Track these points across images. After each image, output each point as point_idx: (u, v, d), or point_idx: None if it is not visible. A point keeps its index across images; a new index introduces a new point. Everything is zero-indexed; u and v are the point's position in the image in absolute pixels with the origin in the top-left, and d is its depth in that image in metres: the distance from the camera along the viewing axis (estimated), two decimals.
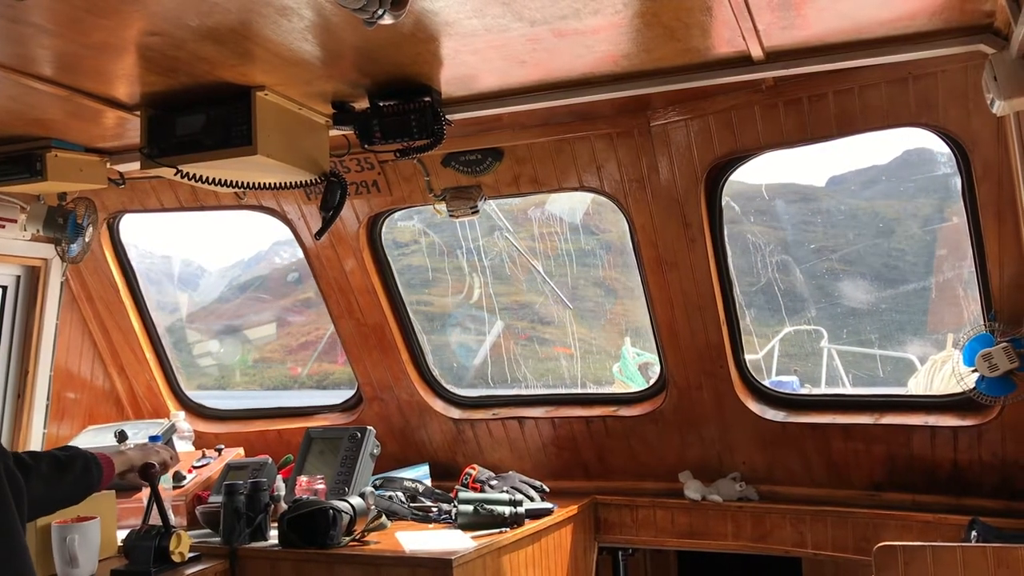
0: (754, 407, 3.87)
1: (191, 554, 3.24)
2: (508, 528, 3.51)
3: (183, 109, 2.85)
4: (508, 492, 3.76)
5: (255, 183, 3.17)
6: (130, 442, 3.98)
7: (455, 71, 2.74)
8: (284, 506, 3.53)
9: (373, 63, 2.64)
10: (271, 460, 3.98)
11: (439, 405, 4.50)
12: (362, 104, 2.98)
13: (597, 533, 4.18)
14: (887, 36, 2.56)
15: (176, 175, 2.93)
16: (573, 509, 3.96)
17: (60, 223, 3.97)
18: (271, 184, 3.17)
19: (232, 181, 3.04)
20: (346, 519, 3.34)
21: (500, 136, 3.70)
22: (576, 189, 3.91)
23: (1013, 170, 2.75)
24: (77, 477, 2.45)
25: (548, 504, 3.85)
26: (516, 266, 6.54)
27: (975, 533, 3.16)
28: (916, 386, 5.18)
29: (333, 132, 3.12)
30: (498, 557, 3.39)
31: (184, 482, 3.96)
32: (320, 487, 3.63)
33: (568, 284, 6.75)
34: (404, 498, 3.86)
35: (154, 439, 3.94)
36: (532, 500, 3.87)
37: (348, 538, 3.34)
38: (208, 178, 2.96)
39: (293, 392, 9.04)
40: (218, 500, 3.56)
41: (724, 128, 3.41)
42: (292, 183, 3.16)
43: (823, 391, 5.95)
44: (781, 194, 6.96)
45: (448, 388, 4.55)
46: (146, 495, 3.14)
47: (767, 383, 4.05)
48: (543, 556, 3.71)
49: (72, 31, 2.27)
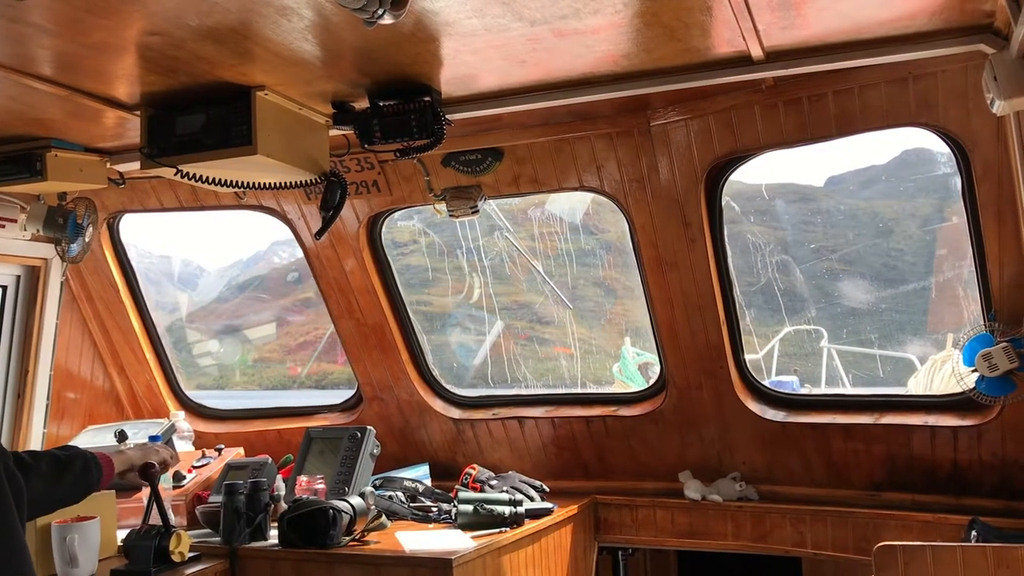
0: (754, 407, 3.87)
1: (191, 554, 3.25)
2: (508, 528, 3.51)
3: (183, 109, 2.85)
4: (508, 492, 3.76)
5: (255, 183, 3.17)
6: (130, 442, 3.97)
7: (455, 71, 2.74)
8: (284, 506, 3.53)
9: (373, 63, 2.64)
10: (271, 460, 3.99)
11: (439, 405, 4.50)
12: (362, 104, 2.98)
13: (597, 533, 4.18)
14: (887, 36, 2.56)
15: (176, 175, 2.93)
16: (573, 509, 3.96)
17: (60, 223, 3.97)
18: (271, 184, 3.17)
19: (232, 181, 3.04)
20: (346, 519, 3.34)
21: (500, 136, 3.70)
22: (576, 189, 3.91)
23: (1013, 170, 2.75)
24: (77, 476, 2.45)
25: (548, 504, 3.85)
26: (516, 266, 6.54)
27: (975, 533, 3.16)
28: (916, 386, 5.18)
29: (333, 132, 3.12)
30: (498, 557, 3.39)
31: (184, 482, 3.95)
32: (320, 487, 3.63)
33: (568, 284, 6.75)
34: (404, 498, 3.86)
35: (154, 439, 3.94)
36: (532, 500, 3.87)
37: (348, 538, 3.34)
38: (208, 178, 2.96)
39: (292, 392, 9.04)
40: (218, 500, 3.56)
41: (724, 128, 3.41)
42: (292, 183, 3.16)
43: (823, 391, 5.95)
44: (781, 194, 6.96)
45: (448, 388, 4.55)
46: (146, 495, 3.14)
47: (767, 383, 4.05)
48: (543, 556, 3.71)
49: (72, 31, 2.27)
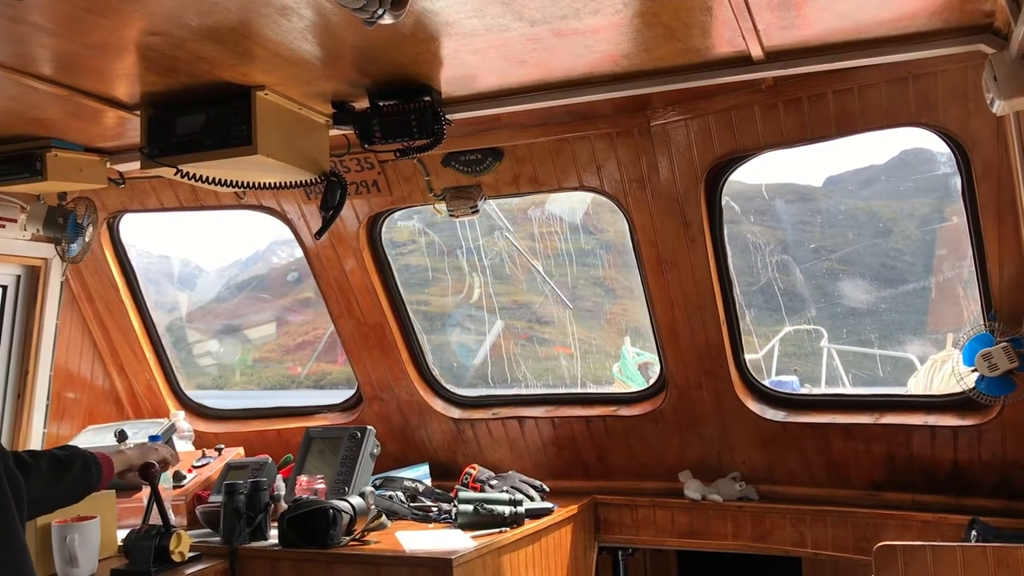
0: (754, 407, 3.87)
1: (191, 554, 3.25)
2: (508, 528, 3.51)
3: (183, 109, 2.85)
4: (508, 492, 3.76)
5: (255, 183, 3.17)
6: (130, 442, 3.97)
7: (455, 71, 2.73)
8: (284, 506, 3.53)
9: (373, 63, 2.64)
10: (271, 460, 3.99)
11: (439, 405, 4.50)
12: (362, 104, 2.98)
13: (597, 533, 4.18)
14: (887, 36, 2.56)
15: (176, 175, 2.93)
16: (573, 509, 3.96)
17: (60, 223, 3.97)
18: (271, 184, 3.17)
19: (232, 181, 3.04)
20: (346, 519, 3.34)
21: (500, 136, 3.70)
22: (576, 189, 3.91)
23: (1013, 170, 2.75)
24: (76, 476, 2.46)
25: (548, 504, 3.85)
26: (516, 266, 6.53)
27: (975, 533, 3.16)
28: (916, 386, 5.18)
29: (333, 132, 3.12)
30: (498, 557, 3.39)
31: (184, 482, 3.95)
32: (320, 487, 3.64)
33: (568, 284, 6.74)
34: (404, 498, 3.86)
35: (154, 439, 3.94)
36: (532, 500, 3.87)
37: (348, 538, 3.34)
38: (208, 178, 2.96)
39: (290, 392, 9.02)
40: (218, 500, 3.56)
41: (724, 128, 3.41)
42: (292, 183, 3.16)
43: (823, 391, 5.94)
44: (780, 194, 6.96)
45: (448, 388, 4.55)
46: (146, 495, 3.14)
47: (767, 383, 4.05)
48: (543, 556, 3.71)
49: (72, 31, 2.27)
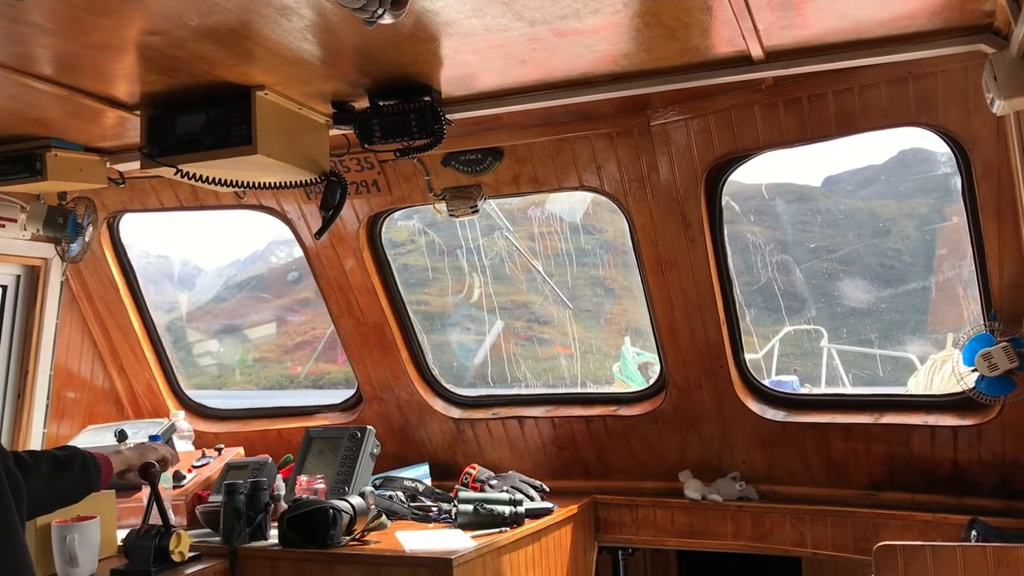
0: (754, 407, 3.87)
1: (191, 554, 3.25)
2: (508, 528, 3.51)
3: (183, 109, 2.85)
4: (508, 492, 3.76)
5: (255, 183, 3.17)
6: (130, 441, 3.97)
7: (455, 71, 2.73)
8: (284, 506, 3.53)
9: (373, 63, 2.63)
10: (271, 460, 3.98)
11: (439, 404, 4.49)
12: (362, 104, 2.98)
13: (597, 533, 4.18)
14: (887, 36, 2.56)
15: (176, 175, 2.93)
16: (573, 509, 3.96)
17: (60, 223, 3.97)
18: (271, 184, 3.17)
19: (232, 181, 3.04)
20: (346, 519, 3.34)
21: (500, 136, 3.70)
22: (576, 189, 3.91)
23: (1013, 170, 2.75)
24: (76, 476, 2.45)
25: (548, 504, 3.85)
26: (516, 266, 6.54)
27: (975, 533, 3.16)
28: (916, 386, 5.19)
29: (333, 132, 3.12)
30: (498, 557, 3.39)
31: (184, 482, 3.95)
32: (320, 487, 3.63)
33: (568, 284, 6.75)
34: (404, 498, 3.86)
35: (154, 438, 3.94)
36: (532, 500, 3.87)
37: (348, 538, 3.34)
38: (208, 178, 2.96)
39: (289, 392, 9.03)
40: (218, 500, 3.56)
41: (724, 128, 3.41)
42: (292, 183, 3.16)
43: (823, 391, 5.95)
44: (779, 194, 6.96)
45: (448, 387, 4.55)
46: (146, 495, 3.14)
47: (767, 383, 4.05)
48: (543, 556, 3.71)
49: (72, 31, 2.27)
